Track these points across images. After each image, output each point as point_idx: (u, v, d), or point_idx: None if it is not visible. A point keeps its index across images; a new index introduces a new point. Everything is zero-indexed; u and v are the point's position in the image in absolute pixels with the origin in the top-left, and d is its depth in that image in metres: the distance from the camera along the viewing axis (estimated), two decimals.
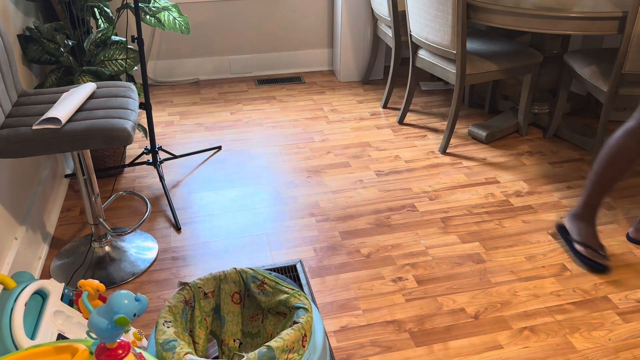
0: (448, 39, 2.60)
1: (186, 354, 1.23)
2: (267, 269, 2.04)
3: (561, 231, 2.18)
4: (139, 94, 2.49)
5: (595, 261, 2.03)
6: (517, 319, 1.83)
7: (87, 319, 1.50)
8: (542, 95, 3.03)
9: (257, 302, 1.51)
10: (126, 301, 1.05)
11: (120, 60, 2.46)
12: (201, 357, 1.45)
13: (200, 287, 1.48)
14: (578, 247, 2.08)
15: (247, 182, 2.61)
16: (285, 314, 1.46)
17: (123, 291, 1.06)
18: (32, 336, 1.35)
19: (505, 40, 2.94)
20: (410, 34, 2.91)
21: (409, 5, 2.82)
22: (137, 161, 2.74)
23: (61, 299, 1.51)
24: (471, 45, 2.91)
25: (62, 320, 1.45)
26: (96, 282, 1.38)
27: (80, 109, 1.75)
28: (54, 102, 1.80)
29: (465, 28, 2.52)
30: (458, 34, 2.54)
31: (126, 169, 2.71)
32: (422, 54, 2.92)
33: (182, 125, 3.16)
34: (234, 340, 1.54)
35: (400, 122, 3.17)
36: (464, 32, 2.53)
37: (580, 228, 2.09)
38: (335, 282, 2.00)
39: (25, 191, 2.08)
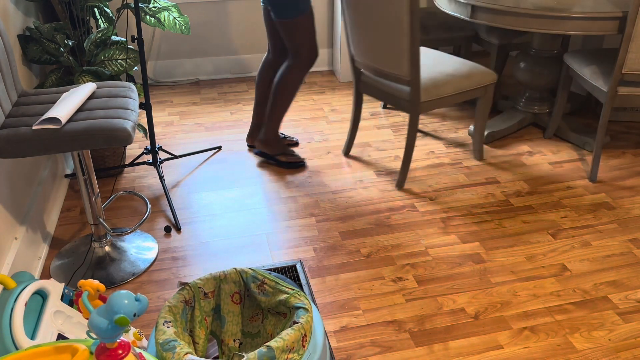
0: (399, 66, 2.33)
1: (186, 354, 1.23)
2: (267, 269, 2.04)
3: (263, 156, 2.74)
4: (139, 94, 2.49)
5: (296, 161, 2.68)
6: (517, 319, 1.83)
7: (87, 319, 1.50)
8: (542, 95, 3.03)
9: (257, 302, 1.51)
10: (126, 301, 1.05)
11: (120, 60, 2.46)
12: (201, 357, 1.45)
13: (200, 287, 1.48)
14: (281, 158, 2.68)
15: (247, 182, 2.61)
16: (285, 314, 1.46)
17: (123, 291, 1.06)
18: (32, 336, 1.35)
19: (456, 60, 2.63)
20: (353, 58, 2.61)
21: (348, 27, 2.53)
22: (137, 161, 2.74)
23: (61, 299, 1.51)
24: (422, 68, 2.54)
25: (62, 320, 1.45)
26: (96, 282, 1.38)
27: (80, 109, 1.75)
28: (54, 102, 1.80)
29: (419, 54, 2.25)
30: (412, 60, 2.26)
31: (126, 169, 2.71)
32: (368, 77, 2.60)
33: (182, 125, 3.16)
34: (234, 340, 1.54)
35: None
36: (417, 57, 2.25)
37: (273, 146, 2.66)
38: (335, 282, 2.00)
39: (25, 191, 2.08)
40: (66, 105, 1.69)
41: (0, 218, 1.82)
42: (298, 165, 2.69)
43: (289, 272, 2.04)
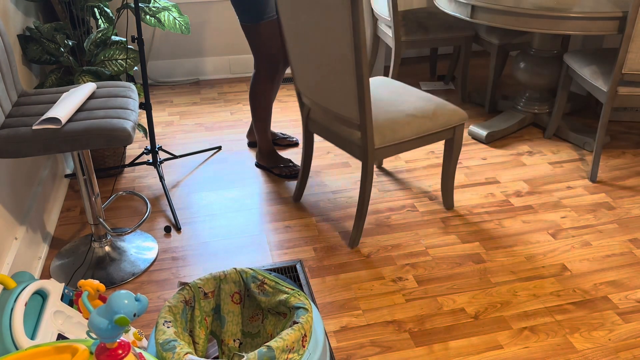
0: (347, 107, 1.96)
1: (186, 354, 1.23)
2: (267, 269, 2.04)
3: (261, 168, 2.74)
4: (139, 94, 2.49)
5: (289, 173, 2.65)
6: (517, 319, 1.83)
7: (87, 319, 1.50)
8: (542, 95, 3.03)
9: (257, 302, 1.51)
10: (126, 301, 1.05)
11: (120, 60, 2.46)
12: (201, 357, 1.46)
13: (200, 287, 1.48)
14: (274, 170, 2.67)
15: (247, 182, 2.61)
16: (285, 314, 1.46)
17: (123, 291, 1.06)
18: (32, 336, 1.35)
19: (420, 95, 2.24)
20: (299, 93, 2.26)
21: (290, 57, 2.17)
22: (137, 161, 2.74)
23: (61, 299, 1.51)
24: (379, 106, 2.15)
25: (62, 320, 1.45)
26: (96, 282, 1.38)
27: (80, 109, 1.75)
28: (54, 102, 1.80)
29: (369, 95, 1.87)
30: (360, 102, 1.88)
31: (126, 169, 2.71)
32: (317, 115, 2.24)
33: (182, 125, 3.16)
34: (234, 340, 1.54)
35: None
36: (366, 98, 1.87)
37: (267, 159, 2.69)
38: (335, 282, 2.00)
39: (25, 191, 2.08)
40: (66, 105, 1.69)
41: (0, 218, 1.82)
42: (292, 177, 2.65)
43: (289, 272, 2.04)
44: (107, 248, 2.08)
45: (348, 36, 1.77)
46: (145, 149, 2.59)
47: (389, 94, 2.26)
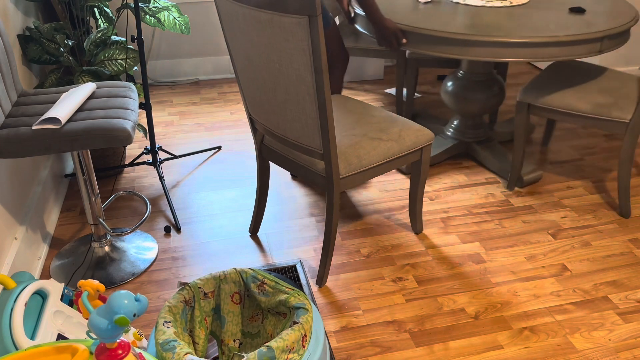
0: (308, 136, 1.76)
1: (186, 354, 1.23)
2: (267, 269, 2.04)
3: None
4: (139, 94, 2.49)
5: None
6: (517, 319, 1.83)
7: (87, 319, 1.50)
8: (475, 122, 2.64)
9: (257, 302, 1.51)
10: (126, 301, 1.05)
11: (120, 60, 2.46)
12: (201, 357, 1.46)
13: (200, 287, 1.48)
14: None
15: (247, 182, 2.61)
16: (285, 314, 1.46)
17: (123, 291, 1.06)
18: (32, 336, 1.35)
19: (381, 115, 2.07)
20: (251, 118, 2.02)
21: (239, 80, 1.94)
22: (137, 161, 2.74)
23: (61, 299, 1.51)
24: (340, 129, 1.97)
25: (62, 320, 1.45)
26: (96, 282, 1.38)
27: (80, 109, 1.75)
28: (54, 102, 1.80)
29: (332, 122, 1.67)
30: (323, 130, 1.69)
31: (126, 169, 2.71)
32: (272, 142, 2.03)
33: (182, 125, 3.16)
34: (234, 341, 1.54)
35: None
36: (329, 125, 1.67)
37: None
38: (335, 282, 2.00)
39: (25, 191, 2.08)
40: (66, 105, 1.69)
41: (0, 218, 1.82)
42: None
43: (289, 272, 2.04)
44: (107, 248, 2.08)
45: (307, 58, 1.56)
46: (145, 149, 2.59)
47: (349, 115, 2.07)
